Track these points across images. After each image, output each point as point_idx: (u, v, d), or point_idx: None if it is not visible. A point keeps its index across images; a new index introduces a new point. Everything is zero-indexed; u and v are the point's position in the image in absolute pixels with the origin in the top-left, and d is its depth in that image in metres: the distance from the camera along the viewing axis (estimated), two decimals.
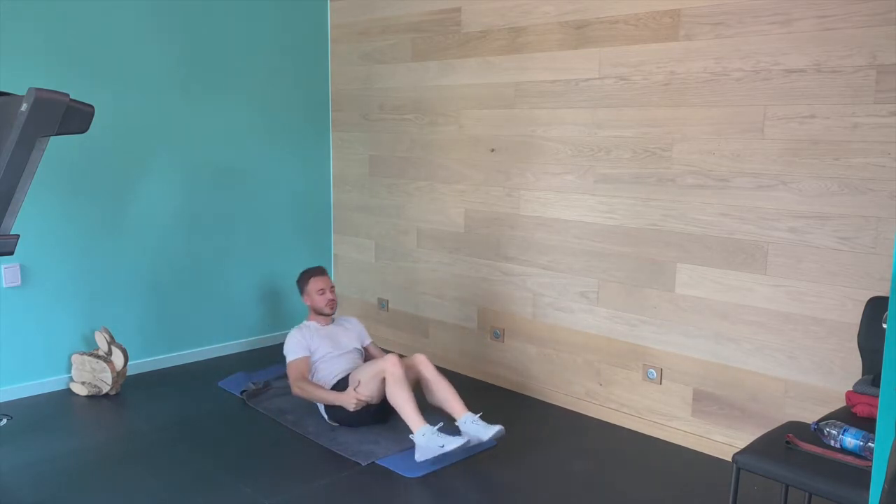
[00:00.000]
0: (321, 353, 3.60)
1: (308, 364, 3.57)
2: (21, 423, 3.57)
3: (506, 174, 4.01)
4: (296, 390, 3.52)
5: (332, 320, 3.79)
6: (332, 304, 3.72)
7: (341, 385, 3.46)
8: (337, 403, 3.35)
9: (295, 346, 3.59)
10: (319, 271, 3.79)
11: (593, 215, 3.65)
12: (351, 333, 3.76)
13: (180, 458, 3.23)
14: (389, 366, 3.22)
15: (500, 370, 4.19)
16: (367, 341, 3.85)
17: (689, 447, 3.40)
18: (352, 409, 3.29)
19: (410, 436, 3.13)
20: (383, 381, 3.25)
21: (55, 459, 3.19)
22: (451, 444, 2.99)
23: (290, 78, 4.80)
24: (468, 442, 3.07)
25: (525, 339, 4.04)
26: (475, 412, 3.27)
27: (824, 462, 2.22)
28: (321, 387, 3.49)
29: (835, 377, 2.96)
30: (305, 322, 3.76)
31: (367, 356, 3.76)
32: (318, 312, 3.72)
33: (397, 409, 3.19)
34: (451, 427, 3.24)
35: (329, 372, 3.57)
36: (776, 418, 3.12)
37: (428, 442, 3.04)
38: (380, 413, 3.42)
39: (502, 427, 3.16)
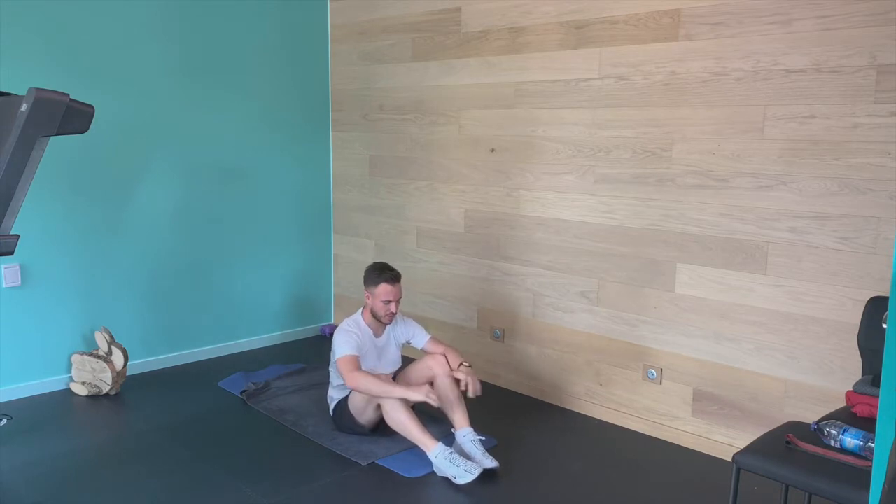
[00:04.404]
0: (365, 364, 3.38)
1: (359, 362, 3.30)
2: (21, 423, 3.57)
3: (506, 174, 4.01)
4: (353, 382, 3.20)
5: (384, 328, 3.52)
6: (391, 317, 3.42)
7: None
8: (404, 397, 3.16)
9: (347, 342, 3.31)
10: (394, 278, 3.39)
11: (593, 215, 3.65)
12: (396, 353, 3.56)
13: (180, 458, 3.23)
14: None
15: (501, 370, 4.19)
16: (423, 343, 3.54)
17: (689, 447, 3.40)
18: (422, 399, 3.16)
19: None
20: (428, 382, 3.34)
21: (55, 459, 3.19)
22: (463, 479, 2.99)
23: (290, 78, 4.80)
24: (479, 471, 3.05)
25: (525, 339, 4.04)
26: (476, 421, 3.25)
27: (824, 462, 2.22)
28: (385, 380, 3.26)
29: (835, 377, 2.96)
30: (358, 321, 3.44)
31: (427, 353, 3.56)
32: (374, 317, 3.43)
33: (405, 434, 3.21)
34: (445, 428, 3.27)
35: None
36: (776, 418, 3.12)
37: (440, 464, 3.06)
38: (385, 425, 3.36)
39: (498, 465, 3.12)
